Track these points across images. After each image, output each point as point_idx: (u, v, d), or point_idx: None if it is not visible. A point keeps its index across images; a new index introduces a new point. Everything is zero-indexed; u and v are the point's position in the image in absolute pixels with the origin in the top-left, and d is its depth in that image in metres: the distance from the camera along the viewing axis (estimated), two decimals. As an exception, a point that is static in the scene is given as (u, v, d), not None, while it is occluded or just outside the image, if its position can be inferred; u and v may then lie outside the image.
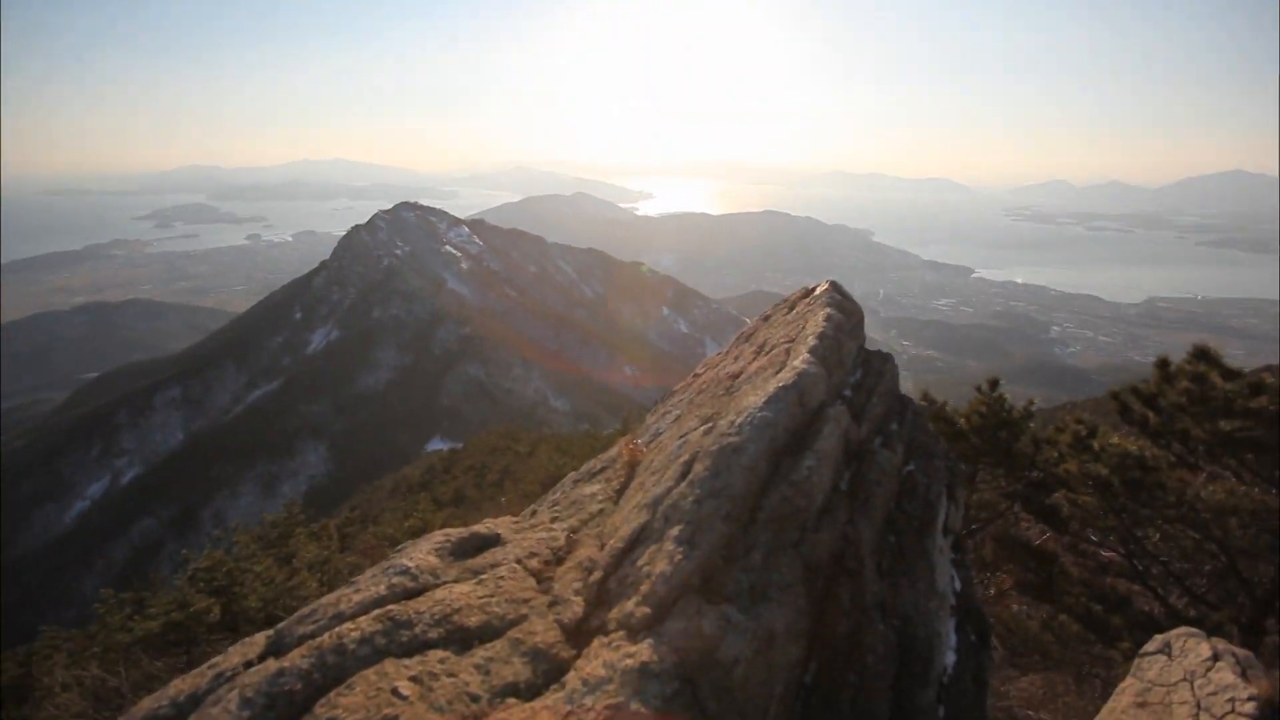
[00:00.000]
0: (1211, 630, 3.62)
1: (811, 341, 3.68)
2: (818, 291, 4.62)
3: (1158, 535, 3.90)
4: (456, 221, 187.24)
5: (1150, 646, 3.33)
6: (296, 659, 2.88)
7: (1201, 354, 4.04)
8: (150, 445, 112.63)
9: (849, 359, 3.98)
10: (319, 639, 2.99)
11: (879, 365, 4.75)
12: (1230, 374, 3.95)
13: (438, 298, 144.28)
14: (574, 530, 3.63)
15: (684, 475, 3.37)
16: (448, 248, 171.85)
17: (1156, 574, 3.97)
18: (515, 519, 4.12)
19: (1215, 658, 3.08)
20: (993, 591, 5.90)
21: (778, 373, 3.50)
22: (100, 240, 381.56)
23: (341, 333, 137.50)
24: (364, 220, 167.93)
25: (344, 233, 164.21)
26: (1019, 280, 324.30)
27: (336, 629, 3.05)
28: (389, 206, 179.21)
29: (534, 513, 4.34)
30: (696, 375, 4.72)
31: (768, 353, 4.00)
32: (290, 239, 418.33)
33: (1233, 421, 3.59)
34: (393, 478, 68.76)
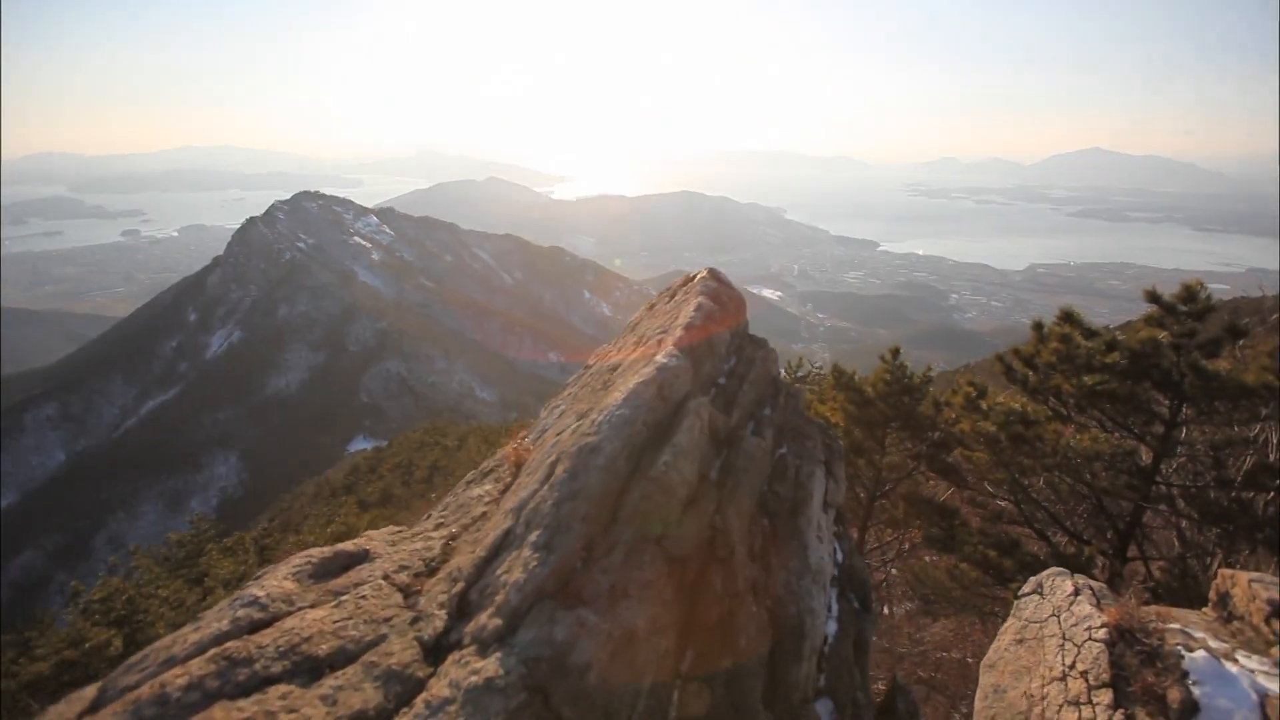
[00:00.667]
0: (1085, 563, 4.39)
1: (679, 333, 3.60)
2: (695, 279, 4.62)
3: (1041, 482, 4.63)
4: (364, 211, 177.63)
5: (1026, 588, 3.74)
6: (108, 718, 2.53)
7: (1067, 316, 4.80)
8: (25, 471, 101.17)
9: (721, 347, 4.00)
10: (138, 690, 2.66)
11: (752, 352, 4.80)
12: (1091, 333, 4.71)
13: (349, 292, 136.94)
14: (454, 537, 3.43)
15: (547, 477, 3.26)
16: (356, 239, 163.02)
17: (1041, 518, 4.72)
18: (397, 529, 3.86)
19: (1076, 593, 3.46)
20: (906, 546, 6.70)
21: (646, 366, 3.42)
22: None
23: (245, 334, 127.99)
24: (260, 212, 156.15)
25: (238, 225, 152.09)
26: (919, 252, 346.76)
27: (161, 677, 2.72)
28: (287, 197, 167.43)
29: (429, 516, 4.17)
30: (588, 367, 4.77)
31: (644, 344, 3.86)
32: (175, 234, 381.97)
33: (1094, 376, 4.30)
34: (314, 482, 65.43)
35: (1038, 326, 4.98)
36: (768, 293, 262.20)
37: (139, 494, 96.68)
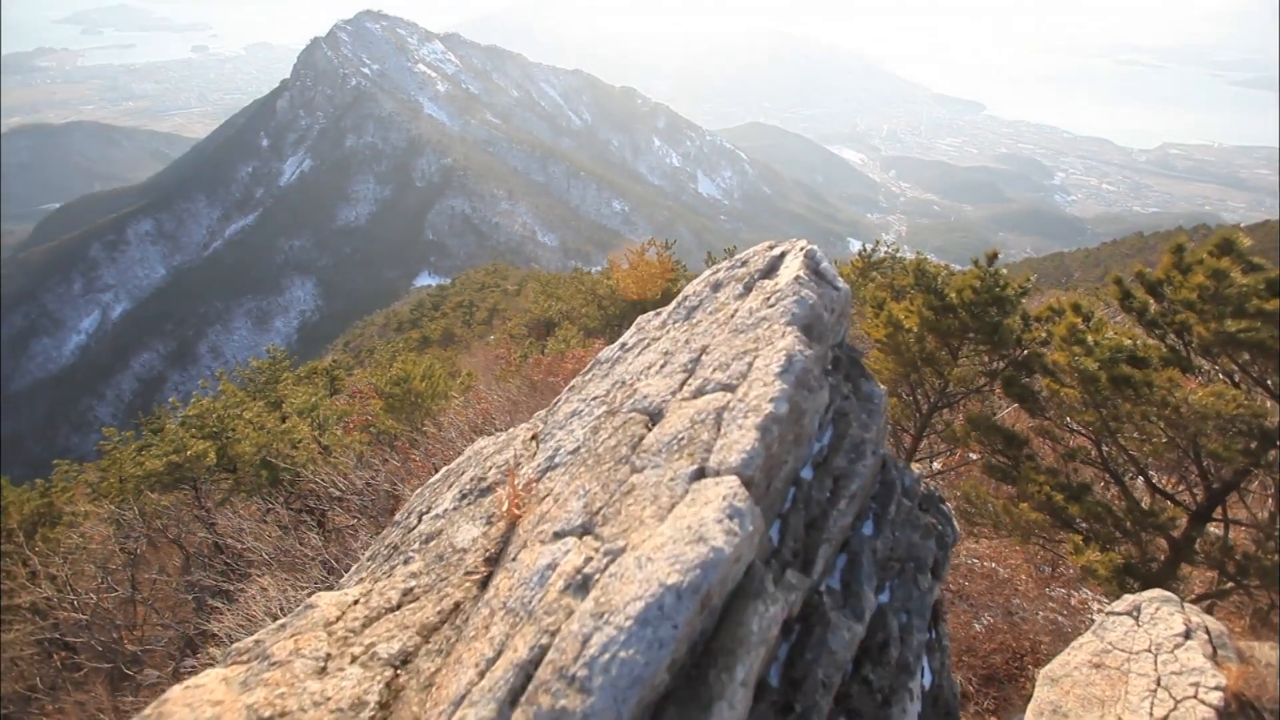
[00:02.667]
0: (1163, 523, 3.98)
1: (747, 444, 1.99)
2: (783, 278, 2.57)
3: (1133, 430, 4.12)
4: (428, 35, 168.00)
5: (1119, 606, 3.23)
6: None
7: (1225, 246, 3.92)
8: (133, 280, 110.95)
9: (813, 424, 2.27)
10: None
11: (855, 418, 2.54)
12: (1252, 267, 3.86)
13: (415, 124, 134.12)
14: (406, 658, 1.95)
15: (511, 690, 1.60)
16: (421, 66, 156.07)
17: (1122, 462, 4.27)
18: (339, 595, 2.35)
19: (1187, 634, 2.94)
20: (959, 464, 6.40)
21: (690, 483, 1.95)
22: (22, 49, 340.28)
23: (315, 162, 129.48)
24: (323, 33, 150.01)
25: (303, 46, 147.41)
26: (1031, 120, 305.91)
27: None
28: (350, 16, 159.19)
29: (385, 553, 2.75)
30: (625, 349, 2.48)
31: (695, 394, 2.30)
32: (243, 52, 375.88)
33: (1240, 322, 3.59)
34: (383, 314, 69.46)
35: (1177, 250, 4.11)
36: (849, 154, 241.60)
37: (231, 311, 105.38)
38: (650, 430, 2.23)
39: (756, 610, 1.75)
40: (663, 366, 2.53)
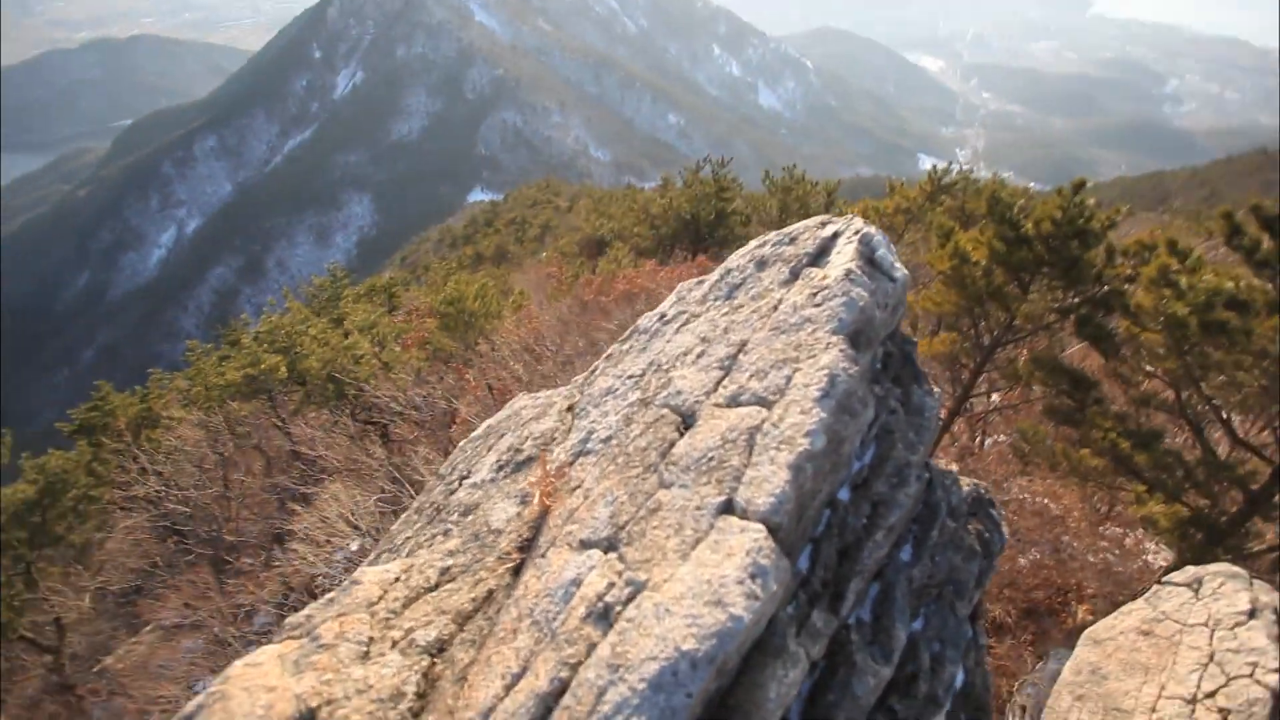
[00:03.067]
0: (1244, 476, 3.71)
1: (777, 485, 1.83)
2: (831, 278, 2.25)
3: (1220, 378, 3.80)
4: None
5: (1177, 577, 3.09)
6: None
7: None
8: (203, 197, 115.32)
9: (851, 450, 2.07)
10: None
11: (907, 433, 2.32)
12: None
13: (465, 32, 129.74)
14: (442, 647, 1.98)
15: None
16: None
17: (1204, 412, 3.98)
18: (381, 572, 2.33)
19: (1253, 613, 2.78)
20: (1016, 392, 6.11)
21: (716, 517, 1.83)
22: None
23: (366, 74, 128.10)
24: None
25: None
26: (1145, 19, 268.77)
27: None
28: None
29: (430, 514, 2.76)
30: (664, 321, 2.81)
31: (730, 401, 2.15)
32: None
33: (1365, 268, 3.20)
34: (438, 230, 70.34)
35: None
36: (928, 61, 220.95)
37: (293, 226, 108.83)
38: (681, 435, 2.11)
39: (775, 674, 1.68)
40: (699, 356, 2.35)
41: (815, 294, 2.21)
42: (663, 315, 2.80)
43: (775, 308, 2.32)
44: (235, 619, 7.06)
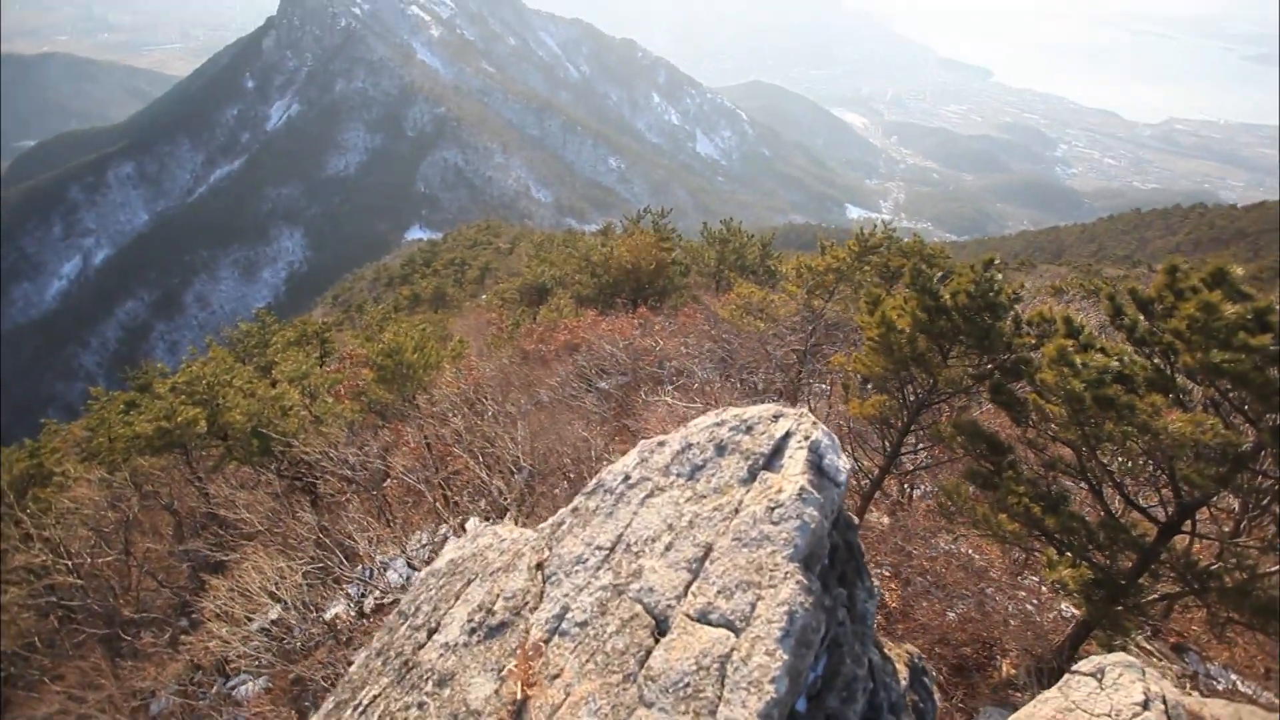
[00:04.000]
0: (1135, 539, 4.11)
1: None
2: (785, 495, 2.43)
3: (1113, 446, 4.22)
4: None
5: (1084, 666, 3.37)
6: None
7: (1220, 277, 3.94)
8: (114, 225, 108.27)
9: (807, 667, 2.23)
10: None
11: (852, 645, 2.49)
12: (1241, 295, 3.90)
13: (407, 70, 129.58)
14: None
15: None
16: (414, 8, 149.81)
17: (1099, 474, 4.39)
18: None
19: (1146, 704, 3.06)
20: (944, 458, 6.55)
21: None
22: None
23: (302, 107, 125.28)
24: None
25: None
26: (1038, 89, 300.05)
27: None
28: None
29: (398, 668, 2.74)
30: (629, 485, 2.84)
31: (700, 617, 2.28)
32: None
33: (1225, 354, 3.65)
34: (374, 267, 68.57)
35: (1171, 272, 4.13)
36: (852, 117, 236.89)
37: (217, 259, 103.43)
38: (656, 641, 2.29)
39: None
40: (668, 549, 2.52)
41: (773, 509, 2.41)
42: (627, 477, 2.93)
43: (736, 511, 2.51)
44: (130, 709, 6.36)
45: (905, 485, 7.70)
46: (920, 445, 7.06)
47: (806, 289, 9.03)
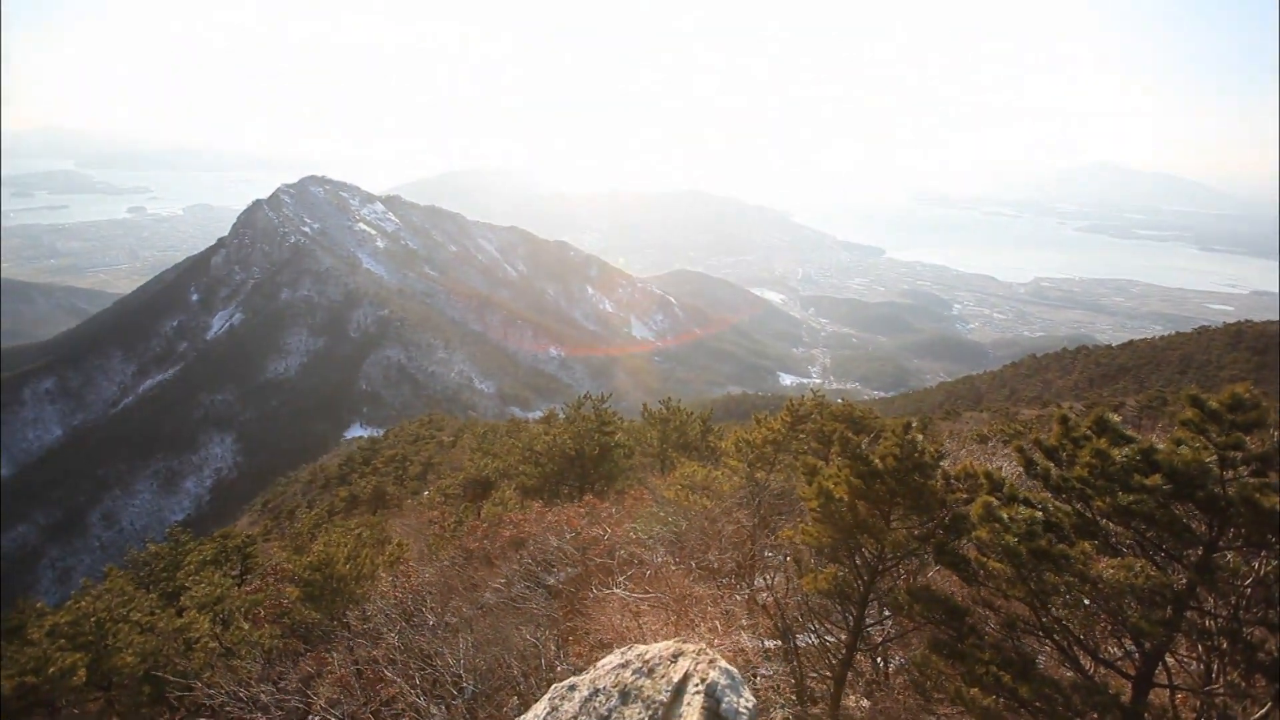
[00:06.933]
0: (1109, 700, 4.00)
1: None
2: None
3: (1062, 600, 4.26)
4: (370, 197, 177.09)
5: None
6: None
7: (1102, 424, 4.37)
8: (20, 444, 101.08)
9: None
10: None
11: None
12: (1122, 438, 4.29)
13: (352, 278, 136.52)
14: None
15: None
16: (361, 225, 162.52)
17: (1061, 631, 4.35)
18: None
19: None
20: (909, 628, 6.33)
21: None
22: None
23: (246, 316, 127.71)
24: (266, 195, 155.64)
25: (244, 207, 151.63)
26: (925, 261, 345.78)
27: None
28: (294, 181, 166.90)
29: None
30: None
31: None
32: (181, 212, 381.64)
33: (1129, 496, 3.93)
34: (309, 469, 65.30)
35: (1064, 421, 4.55)
36: (771, 295, 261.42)
37: (135, 472, 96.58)
38: None
39: None
40: None
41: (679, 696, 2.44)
42: None
43: None
44: None
45: (878, 659, 7.29)
46: (885, 615, 6.83)
47: (748, 462, 9.24)
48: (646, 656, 2.63)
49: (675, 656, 2.64)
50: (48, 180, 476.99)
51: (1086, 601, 4.07)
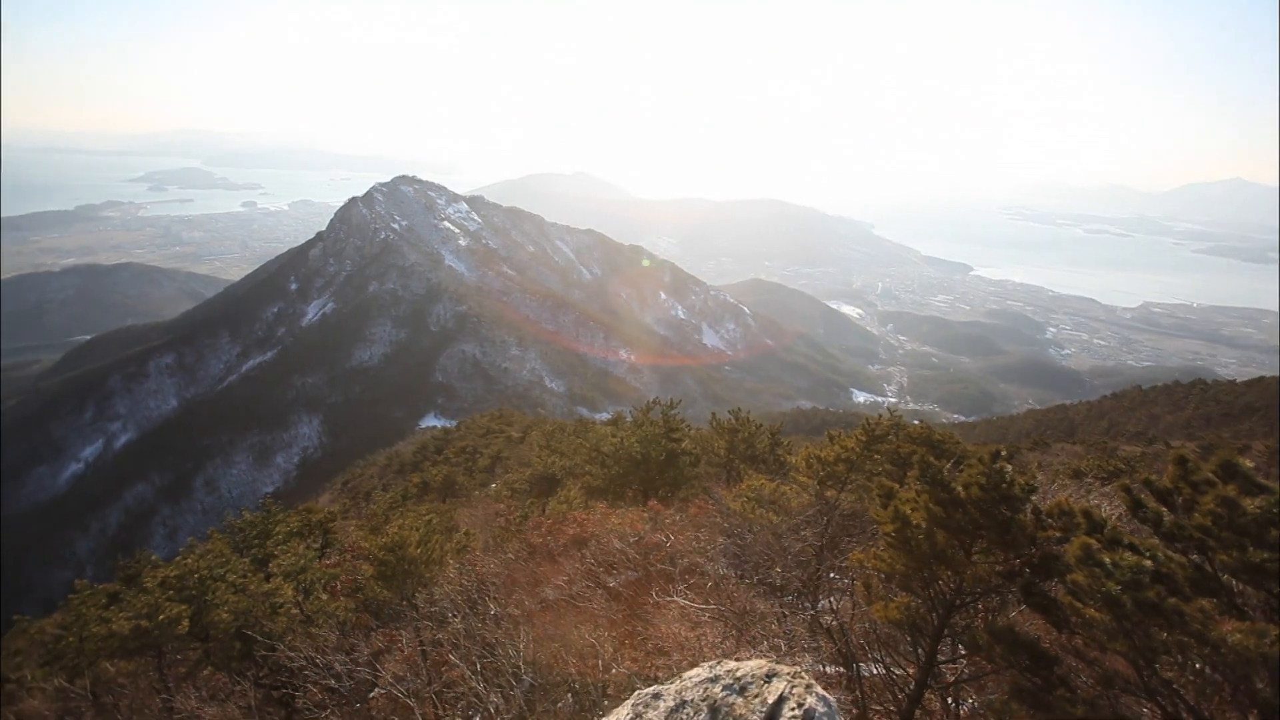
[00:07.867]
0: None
1: None
2: None
3: (1172, 661, 3.85)
4: (456, 197, 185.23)
5: None
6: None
7: (1230, 469, 3.92)
8: (144, 411, 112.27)
9: None
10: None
11: None
12: (1255, 487, 3.83)
13: (435, 274, 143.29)
14: None
15: None
16: (446, 224, 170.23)
17: (1166, 695, 3.93)
18: None
19: None
20: (979, 661, 5.91)
21: None
22: (93, 201, 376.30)
23: (337, 305, 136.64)
24: (361, 193, 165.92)
25: (341, 204, 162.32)
26: (1016, 279, 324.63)
27: None
28: (388, 179, 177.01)
29: None
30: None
31: None
32: (286, 208, 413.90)
33: (1261, 553, 3.51)
34: (386, 454, 68.87)
35: (1181, 462, 4.13)
36: (848, 309, 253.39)
37: (234, 444, 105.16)
38: None
39: None
40: None
41: None
42: None
43: None
44: None
45: (949, 699, 6.87)
46: (959, 653, 6.41)
47: (818, 479, 8.97)
48: (739, 674, 2.58)
49: (770, 676, 2.57)
50: (179, 176, 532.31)
51: (1198, 665, 3.66)
